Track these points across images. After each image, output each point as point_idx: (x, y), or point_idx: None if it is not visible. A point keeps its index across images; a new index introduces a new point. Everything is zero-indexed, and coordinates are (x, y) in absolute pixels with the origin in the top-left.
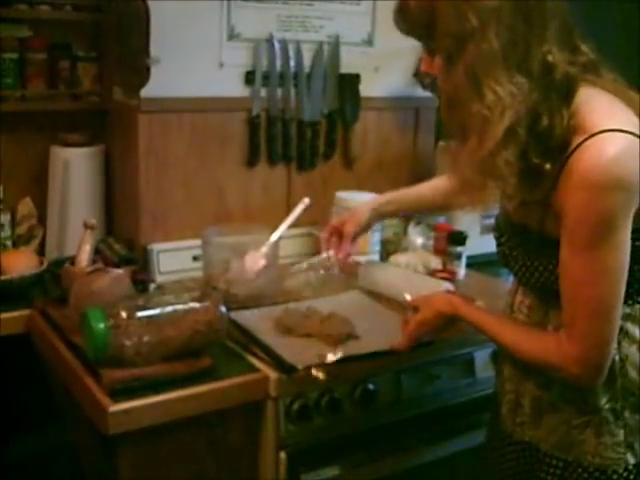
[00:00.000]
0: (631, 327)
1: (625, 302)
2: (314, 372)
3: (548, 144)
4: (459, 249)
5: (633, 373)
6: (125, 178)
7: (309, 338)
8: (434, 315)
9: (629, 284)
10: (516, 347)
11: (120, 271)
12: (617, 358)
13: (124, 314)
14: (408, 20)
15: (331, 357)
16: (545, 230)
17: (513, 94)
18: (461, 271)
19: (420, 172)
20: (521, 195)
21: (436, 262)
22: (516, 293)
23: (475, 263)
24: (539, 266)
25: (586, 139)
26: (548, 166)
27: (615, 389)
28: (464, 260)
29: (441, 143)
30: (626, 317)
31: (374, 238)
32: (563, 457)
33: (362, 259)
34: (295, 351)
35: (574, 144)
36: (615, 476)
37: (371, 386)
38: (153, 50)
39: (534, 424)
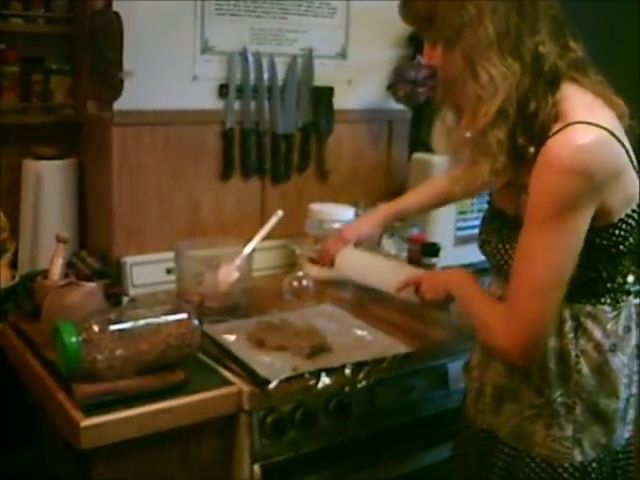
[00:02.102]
0: (591, 325)
1: (588, 301)
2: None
3: (532, 128)
4: (433, 260)
5: (587, 371)
6: (98, 191)
7: (282, 351)
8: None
9: (594, 284)
10: (482, 317)
11: (93, 285)
12: (573, 354)
13: (96, 328)
14: (412, 11)
15: (304, 369)
16: (519, 214)
17: (505, 76)
18: None
19: (394, 183)
20: (507, 175)
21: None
22: (491, 286)
23: None
24: (510, 249)
25: (563, 127)
26: (532, 149)
27: (569, 384)
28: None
29: (415, 155)
30: (587, 315)
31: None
32: (515, 446)
33: (334, 271)
34: (268, 364)
35: (552, 130)
36: (560, 469)
37: (345, 398)
38: (126, 63)
39: (493, 412)
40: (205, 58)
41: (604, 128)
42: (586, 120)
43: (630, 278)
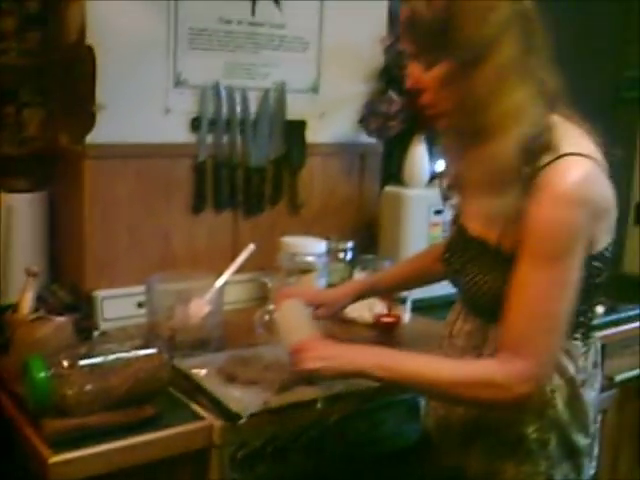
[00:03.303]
0: (564, 361)
1: None
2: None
3: (529, 153)
4: (404, 293)
5: (561, 406)
6: (70, 224)
7: (253, 385)
8: (335, 374)
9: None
10: (453, 381)
11: (63, 319)
12: (548, 389)
13: (66, 363)
14: (417, 29)
15: (276, 404)
16: (503, 245)
17: (526, 102)
18: (406, 315)
19: (366, 217)
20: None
21: (381, 306)
22: (456, 321)
23: (420, 307)
24: (489, 280)
25: (556, 159)
26: (525, 175)
27: (543, 420)
28: (409, 304)
29: (386, 188)
30: (560, 350)
31: (320, 283)
32: None
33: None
34: (239, 398)
35: (545, 160)
36: None
37: (316, 433)
38: (99, 96)
39: (462, 450)
40: (178, 91)
41: (594, 159)
42: (577, 152)
43: (600, 309)
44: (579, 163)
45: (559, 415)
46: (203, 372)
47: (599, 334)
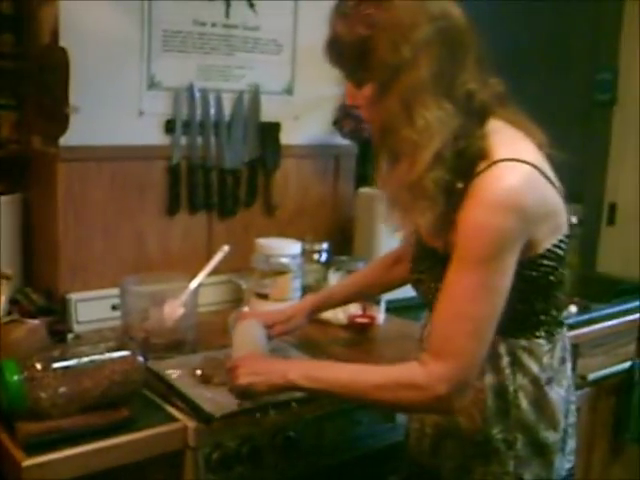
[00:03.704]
0: (527, 360)
1: (523, 335)
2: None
3: (460, 164)
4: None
5: (525, 405)
6: (44, 227)
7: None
8: (267, 388)
9: (528, 317)
10: (376, 384)
11: (36, 322)
12: (511, 389)
13: (39, 366)
14: (340, 51)
15: (250, 405)
16: (449, 251)
17: (441, 120)
18: (381, 316)
19: (340, 218)
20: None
21: (356, 307)
22: (426, 325)
23: (394, 308)
24: (442, 287)
25: (489, 165)
26: (460, 185)
27: (508, 420)
28: (383, 305)
29: (361, 189)
30: (522, 349)
31: (295, 284)
32: None
33: (280, 306)
34: (213, 400)
35: (479, 168)
36: None
37: (292, 433)
38: (73, 99)
39: (435, 452)
40: (152, 94)
41: (528, 163)
42: (510, 157)
43: (573, 308)
44: (513, 168)
45: (524, 414)
46: (177, 374)
47: (573, 333)
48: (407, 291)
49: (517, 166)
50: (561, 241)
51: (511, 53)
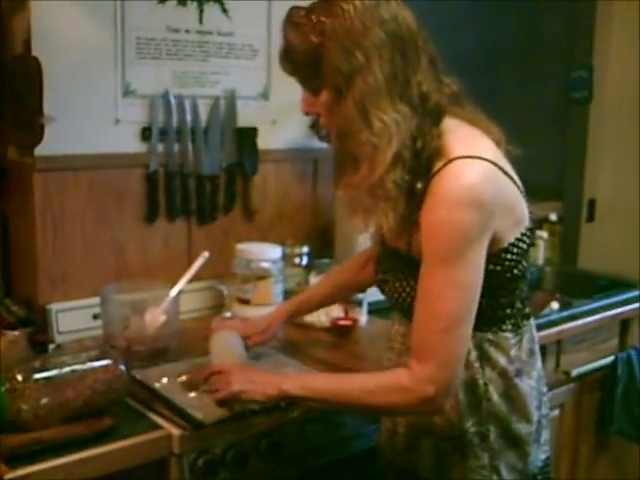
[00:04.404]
0: (494, 353)
1: (490, 329)
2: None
3: (419, 164)
4: (360, 296)
5: (496, 398)
6: (22, 237)
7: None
8: (262, 397)
9: (493, 311)
10: (364, 389)
11: (16, 333)
12: (481, 382)
13: (20, 377)
14: (294, 60)
15: (241, 408)
16: (412, 251)
17: (398, 122)
18: (363, 318)
19: (320, 221)
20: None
21: (338, 310)
22: (394, 323)
23: (376, 309)
24: (407, 286)
25: (446, 163)
26: (419, 185)
27: (480, 413)
28: (365, 306)
29: (339, 192)
30: (490, 343)
31: (277, 289)
32: None
33: (262, 310)
34: (201, 407)
35: (436, 167)
36: None
37: (277, 438)
38: (47, 108)
39: (410, 449)
40: (127, 102)
41: (485, 159)
42: (467, 154)
43: (555, 305)
44: (470, 165)
45: (495, 407)
46: (163, 381)
47: (556, 329)
48: None
49: (474, 162)
50: (523, 234)
51: (487, 53)
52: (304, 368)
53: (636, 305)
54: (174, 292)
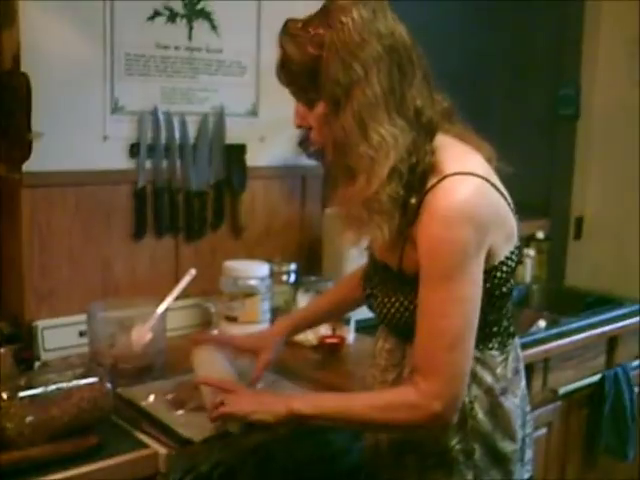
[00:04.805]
0: (480, 371)
1: (476, 347)
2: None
3: (412, 180)
4: (348, 314)
5: (482, 415)
6: (8, 254)
7: (201, 411)
8: (274, 419)
9: (480, 329)
10: (372, 406)
11: (2, 350)
12: (467, 400)
13: (5, 395)
14: (291, 71)
15: (232, 428)
16: (403, 267)
17: (395, 135)
18: (351, 335)
19: (308, 238)
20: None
21: (325, 328)
22: (379, 339)
23: (364, 327)
24: (396, 302)
25: (440, 180)
26: (413, 200)
27: (466, 430)
28: (353, 324)
29: (327, 210)
30: (476, 361)
31: (264, 306)
32: None
33: (251, 328)
34: (188, 424)
35: (430, 183)
36: None
37: (264, 455)
38: (36, 124)
39: (395, 465)
40: (115, 118)
41: (478, 175)
42: (461, 170)
43: (542, 323)
44: (463, 181)
45: (480, 425)
46: (149, 399)
47: (543, 347)
48: None
49: (467, 179)
50: (512, 252)
51: (475, 70)
52: (297, 389)
53: (623, 323)
54: (161, 309)
